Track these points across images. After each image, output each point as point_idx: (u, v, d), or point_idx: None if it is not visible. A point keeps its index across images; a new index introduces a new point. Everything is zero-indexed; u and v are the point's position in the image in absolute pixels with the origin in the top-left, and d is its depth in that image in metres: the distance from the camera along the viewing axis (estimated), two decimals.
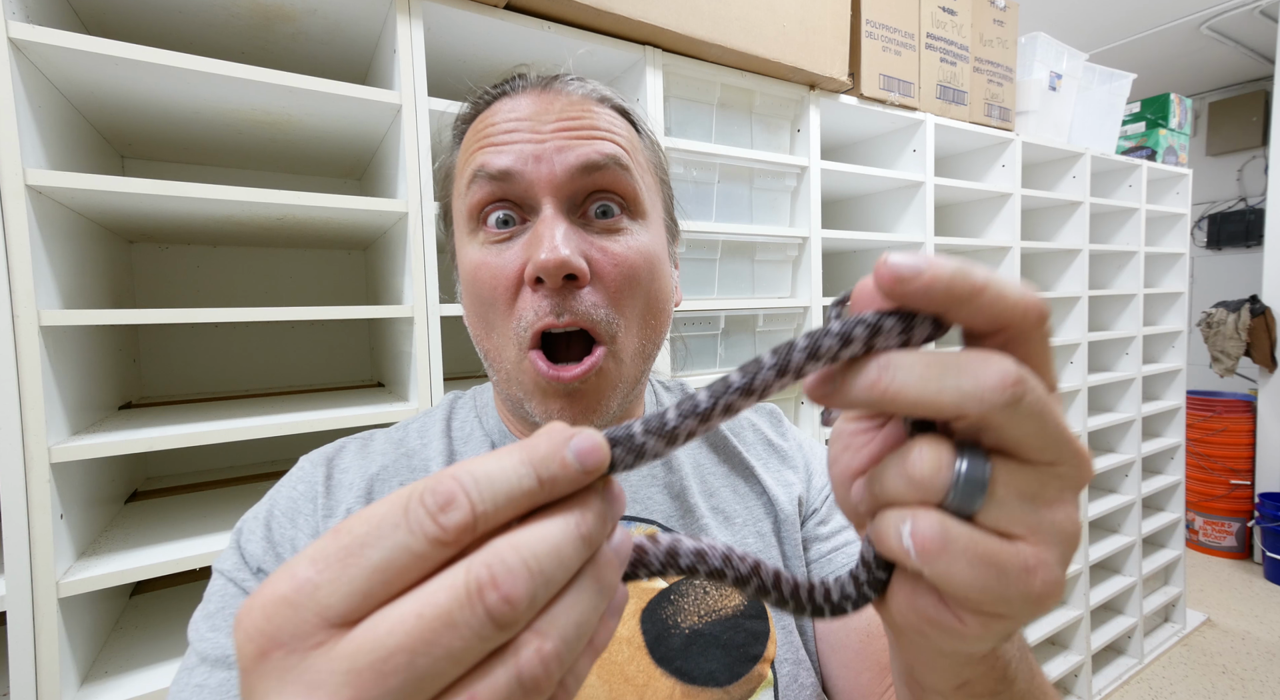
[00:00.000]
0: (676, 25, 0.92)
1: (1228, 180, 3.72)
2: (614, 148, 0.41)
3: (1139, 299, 1.96)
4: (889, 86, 1.24)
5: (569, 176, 0.40)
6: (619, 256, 0.41)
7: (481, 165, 0.40)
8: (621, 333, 0.41)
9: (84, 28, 0.79)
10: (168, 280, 0.99)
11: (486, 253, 0.41)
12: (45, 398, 0.61)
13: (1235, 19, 2.73)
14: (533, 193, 0.40)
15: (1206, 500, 2.91)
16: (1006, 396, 0.17)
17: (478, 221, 0.42)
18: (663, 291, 0.44)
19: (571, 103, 0.42)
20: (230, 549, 0.41)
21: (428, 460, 0.46)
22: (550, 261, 0.37)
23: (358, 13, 0.81)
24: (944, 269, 0.18)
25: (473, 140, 0.43)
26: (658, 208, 0.46)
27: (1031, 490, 0.19)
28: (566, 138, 0.40)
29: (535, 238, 0.39)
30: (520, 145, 0.40)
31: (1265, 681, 1.92)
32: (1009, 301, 0.18)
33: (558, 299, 0.39)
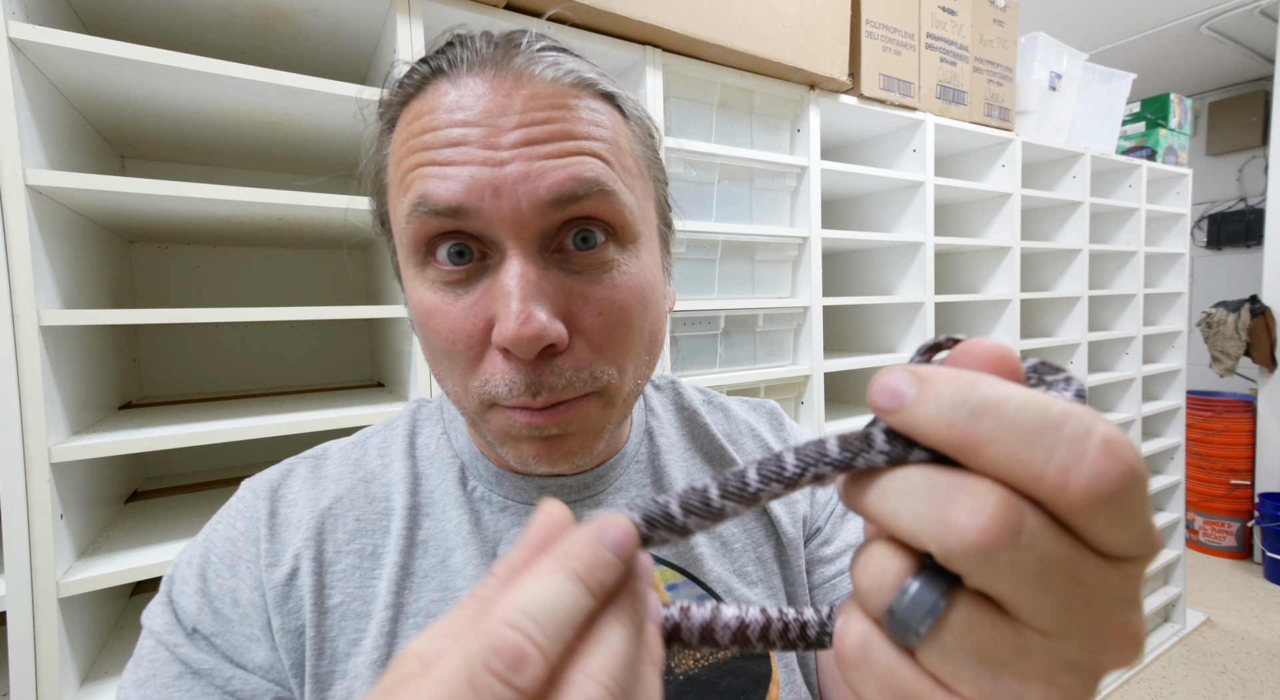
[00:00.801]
0: (676, 25, 0.92)
1: (1228, 180, 3.72)
2: (595, 166, 0.32)
3: (1139, 299, 1.96)
4: (889, 86, 1.24)
5: (538, 213, 0.31)
6: (605, 302, 0.33)
7: (423, 197, 0.31)
8: (614, 381, 0.35)
9: (84, 28, 0.79)
10: (168, 280, 0.99)
11: (440, 297, 0.33)
12: (45, 398, 0.61)
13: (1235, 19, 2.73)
14: (492, 232, 0.31)
15: (1206, 500, 2.91)
16: (973, 548, 0.14)
17: (424, 255, 0.33)
18: (657, 321, 0.38)
19: (538, 95, 0.32)
20: (161, 603, 0.35)
21: (389, 485, 0.40)
22: (524, 336, 0.30)
23: (358, 13, 0.81)
24: (927, 409, 0.15)
25: (406, 146, 0.33)
26: (650, 218, 0.38)
27: (1000, 652, 0.15)
28: (533, 157, 0.31)
29: (499, 292, 0.31)
30: (472, 168, 0.30)
31: (1265, 681, 1.92)
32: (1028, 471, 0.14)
33: (533, 375, 0.32)
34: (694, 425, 0.49)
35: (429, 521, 0.39)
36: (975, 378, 0.16)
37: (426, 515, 0.39)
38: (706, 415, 0.50)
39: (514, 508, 0.40)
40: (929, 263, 1.35)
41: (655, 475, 0.45)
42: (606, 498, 0.42)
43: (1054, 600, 0.15)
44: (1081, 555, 0.15)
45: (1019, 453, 0.14)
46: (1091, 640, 0.15)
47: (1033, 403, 0.15)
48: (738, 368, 1.12)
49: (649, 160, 0.39)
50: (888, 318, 1.43)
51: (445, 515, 0.39)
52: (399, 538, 0.37)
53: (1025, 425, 0.14)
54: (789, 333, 1.19)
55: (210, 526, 0.39)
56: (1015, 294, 1.54)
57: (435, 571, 0.37)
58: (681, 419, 0.49)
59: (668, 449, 0.46)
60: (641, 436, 0.46)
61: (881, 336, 1.45)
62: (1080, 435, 0.14)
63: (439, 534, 0.38)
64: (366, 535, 0.37)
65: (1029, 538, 0.14)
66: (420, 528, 0.38)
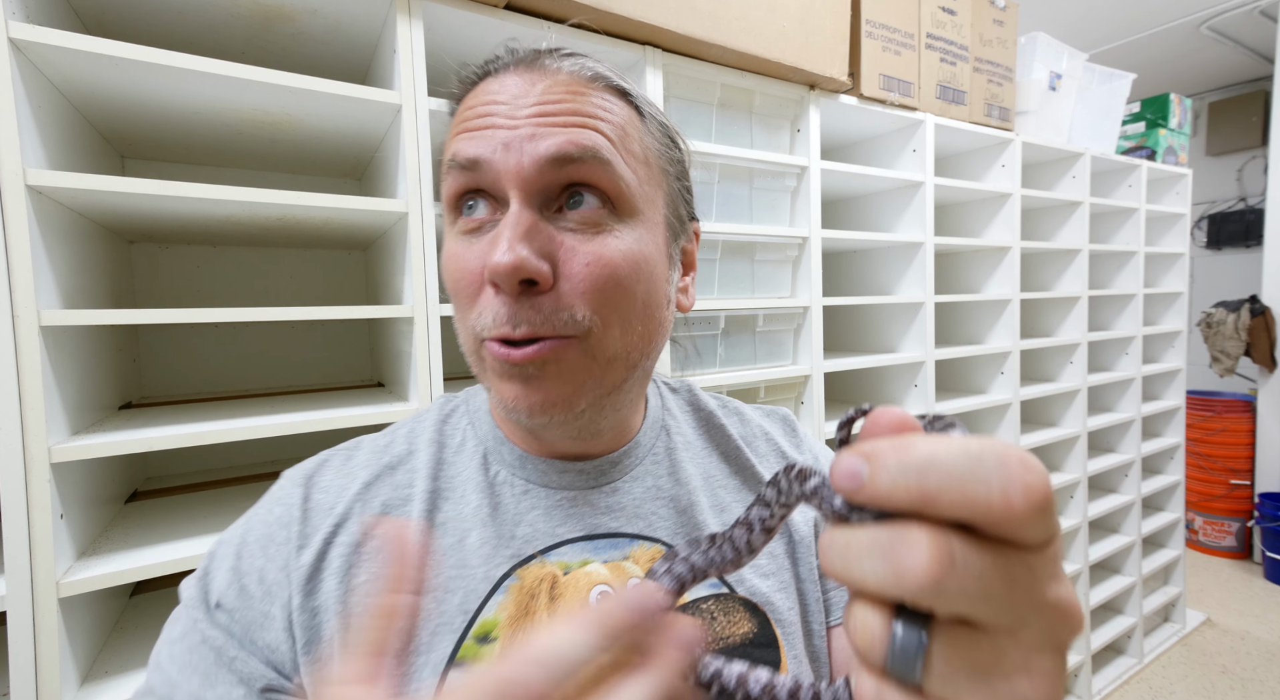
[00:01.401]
0: (676, 25, 0.92)
1: (1227, 180, 3.72)
2: (595, 138, 0.36)
3: (1139, 299, 1.96)
4: (889, 86, 1.24)
5: (537, 169, 0.35)
6: (591, 254, 0.36)
7: (454, 154, 0.37)
8: (596, 329, 0.37)
9: (84, 28, 0.79)
10: (168, 280, 0.99)
11: (459, 244, 0.38)
12: (45, 398, 0.61)
13: (1235, 19, 2.73)
14: (500, 183, 0.36)
15: (1206, 500, 2.91)
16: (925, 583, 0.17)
17: (455, 211, 0.39)
18: (654, 295, 0.40)
19: (556, 83, 0.38)
20: (196, 577, 0.39)
21: (413, 472, 0.43)
22: (502, 266, 0.34)
23: (358, 13, 0.81)
24: (884, 480, 0.18)
25: (453, 125, 0.40)
26: (656, 204, 0.41)
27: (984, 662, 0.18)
28: (540, 124, 0.36)
29: (494, 236, 0.36)
30: (492, 131, 0.36)
31: (1265, 681, 1.92)
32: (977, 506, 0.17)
33: (515, 307, 0.35)
34: (711, 426, 0.51)
35: (448, 505, 0.42)
36: (907, 442, 0.18)
37: (446, 499, 0.42)
38: (722, 417, 0.52)
39: (534, 491, 0.43)
40: (929, 263, 1.35)
41: (672, 467, 0.47)
42: (624, 485, 0.45)
43: (1000, 600, 0.17)
44: (1005, 557, 0.18)
45: (965, 491, 0.17)
46: (1041, 620, 0.18)
47: (954, 447, 0.17)
48: (738, 368, 1.12)
49: (662, 155, 0.42)
50: (888, 318, 1.43)
51: (464, 499, 0.42)
52: (420, 520, 0.40)
53: (962, 468, 0.17)
54: (789, 333, 1.19)
55: (251, 512, 0.42)
56: (1015, 294, 1.54)
57: (453, 551, 0.40)
58: (698, 420, 0.52)
59: (684, 446, 0.49)
60: (659, 431, 0.49)
61: (881, 336, 1.45)
62: (1001, 461, 0.17)
63: (457, 516, 0.41)
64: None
65: (961, 560, 0.17)
66: (440, 510, 0.41)
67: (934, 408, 1.36)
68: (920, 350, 1.35)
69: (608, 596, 0.20)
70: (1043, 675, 0.18)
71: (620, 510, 0.43)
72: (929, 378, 1.35)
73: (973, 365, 1.62)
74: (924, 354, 1.35)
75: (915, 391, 1.37)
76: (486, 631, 0.37)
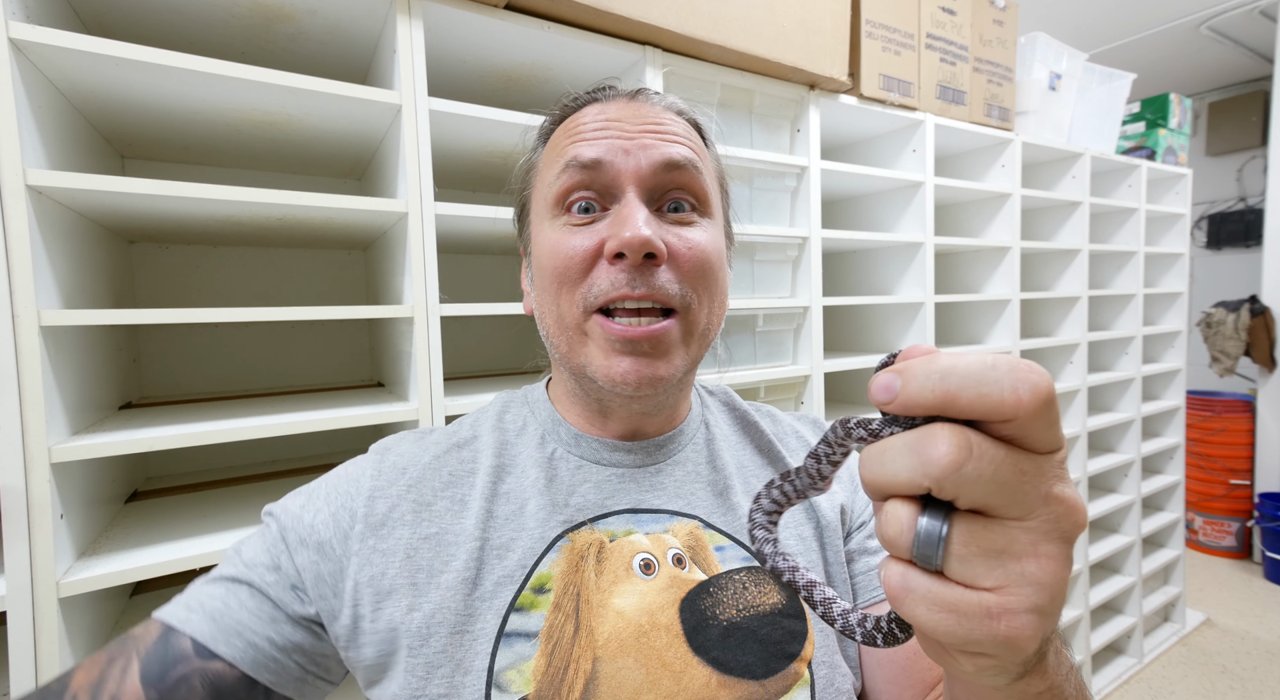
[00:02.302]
0: (676, 25, 0.92)
1: (1227, 180, 3.72)
2: (689, 153, 0.45)
3: (1139, 299, 1.96)
4: (889, 86, 1.24)
5: (652, 170, 0.44)
6: (693, 242, 0.44)
7: (574, 156, 0.44)
8: (695, 305, 0.44)
9: (84, 28, 0.79)
10: (168, 280, 0.99)
11: (567, 232, 0.44)
12: (45, 398, 0.61)
13: (1235, 19, 2.73)
14: (618, 182, 0.44)
15: (1206, 500, 2.91)
16: (947, 469, 0.20)
17: (561, 207, 0.45)
18: (724, 286, 0.48)
19: (654, 109, 0.47)
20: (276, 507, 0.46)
21: (478, 451, 0.48)
22: (635, 238, 0.40)
23: (358, 13, 0.81)
24: (911, 388, 0.21)
25: (564, 137, 0.47)
26: (720, 214, 0.50)
27: (998, 545, 0.21)
28: (652, 138, 0.44)
29: (618, 218, 0.42)
30: (610, 140, 0.44)
31: (1265, 681, 1.92)
32: (992, 403, 0.20)
33: (634, 274, 0.42)
34: (745, 423, 0.57)
35: (511, 478, 0.47)
36: (932, 356, 0.22)
37: (509, 473, 0.48)
38: (756, 417, 0.57)
39: (586, 466, 0.48)
40: (929, 263, 1.35)
41: (711, 456, 0.52)
42: (668, 467, 0.50)
43: (1011, 490, 0.20)
44: (1016, 453, 0.21)
45: (981, 390, 0.20)
46: (1048, 511, 0.21)
47: (971, 358, 0.21)
48: (738, 368, 1.12)
49: (719, 176, 0.52)
50: (888, 318, 1.43)
51: (525, 473, 0.47)
52: (484, 489, 0.46)
53: (977, 373, 0.20)
54: (789, 333, 1.19)
55: (330, 472, 0.48)
56: (1015, 294, 1.54)
57: (514, 517, 0.45)
58: (734, 418, 0.57)
59: (721, 438, 0.54)
60: (700, 423, 0.54)
61: (881, 336, 1.45)
62: (1012, 367, 0.20)
63: (518, 488, 0.47)
64: (458, 486, 0.46)
65: (978, 449, 0.20)
66: (503, 482, 0.47)
67: None
68: None
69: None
70: (1049, 558, 0.21)
71: (663, 489, 0.49)
72: None
73: None
74: None
75: None
76: (542, 583, 0.42)
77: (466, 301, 0.84)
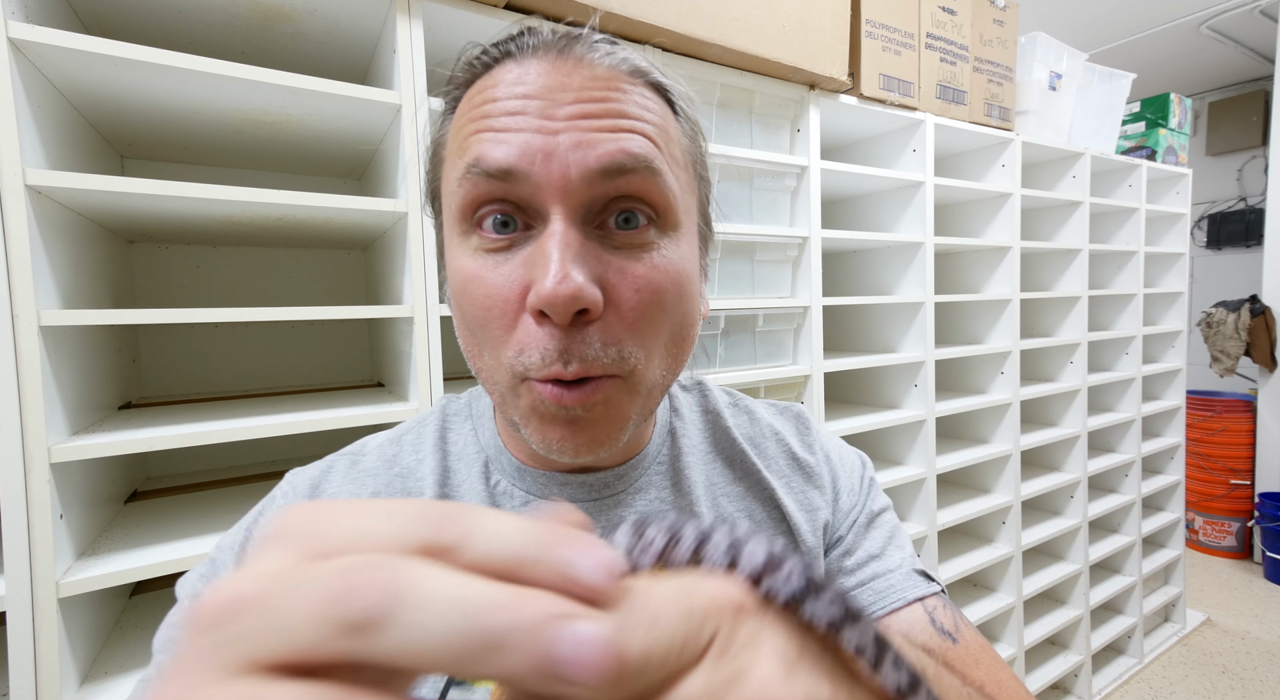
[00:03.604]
0: (677, 25, 0.92)
1: (1228, 180, 3.72)
2: (645, 145, 0.33)
3: (1139, 299, 1.96)
4: (889, 86, 1.24)
5: (586, 181, 0.32)
6: (642, 279, 0.34)
7: (477, 159, 0.32)
8: (640, 365, 0.34)
9: (84, 28, 0.79)
10: (168, 280, 0.99)
11: (480, 263, 0.34)
12: (45, 398, 0.61)
13: (1235, 19, 2.73)
14: (539, 198, 0.32)
15: (1206, 500, 2.91)
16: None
17: (470, 223, 0.34)
18: (690, 314, 0.38)
19: (595, 77, 0.33)
20: (200, 575, 0.39)
21: (421, 480, 0.42)
22: (559, 295, 0.30)
23: (357, 13, 0.81)
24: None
25: (467, 116, 0.34)
26: (692, 212, 0.39)
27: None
28: (586, 129, 0.32)
29: (540, 256, 0.32)
30: (526, 135, 0.32)
31: (1265, 681, 1.92)
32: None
33: (565, 341, 0.32)
34: (717, 428, 0.49)
35: None
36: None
37: None
38: (730, 418, 0.50)
39: (534, 503, 0.42)
40: (929, 263, 1.35)
41: (675, 477, 0.45)
42: (627, 497, 0.43)
43: None
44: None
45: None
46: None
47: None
48: (737, 368, 1.12)
49: (695, 157, 0.40)
50: (888, 318, 1.43)
51: None
52: None
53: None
54: (789, 333, 1.19)
55: (252, 516, 0.41)
56: (1015, 294, 1.54)
57: None
58: (706, 421, 0.50)
59: (690, 451, 0.47)
60: (664, 437, 0.47)
61: (881, 336, 1.45)
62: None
63: None
64: None
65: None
66: None
67: (934, 408, 1.37)
68: (920, 350, 1.35)
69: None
70: None
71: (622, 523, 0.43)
72: (929, 378, 1.35)
73: (973, 365, 1.62)
74: (924, 354, 1.35)
75: (915, 391, 1.37)
76: None
77: None
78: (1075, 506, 1.77)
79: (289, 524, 0.15)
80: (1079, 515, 1.76)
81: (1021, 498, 1.56)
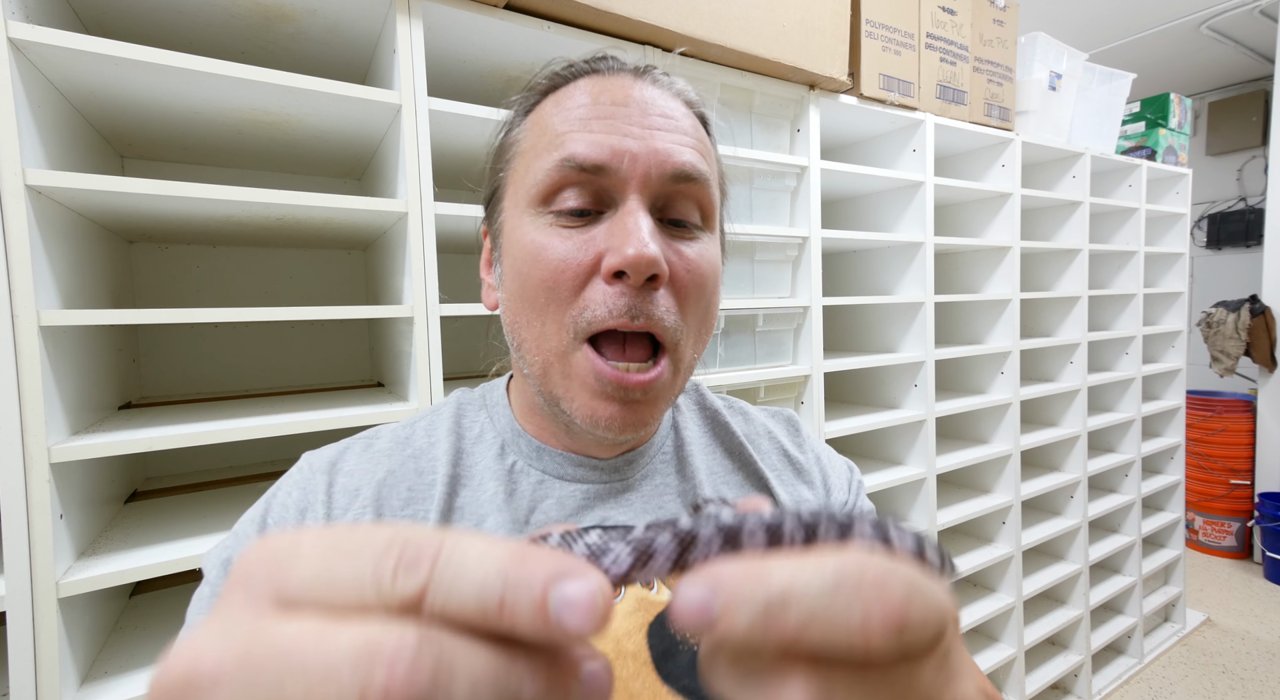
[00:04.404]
0: (676, 25, 0.92)
1: (1228, 180, 3.72)
2: (702, 160, 0.40)
3: (1139, 299, 1.96)
4: (889, 86, 1.24)
5: (662, 180, 0.38)
6: (694, 263, 0.40)
7: (570, 155, 0.38)
8: (684, 341, 0.40)
9: (84, 28, 0.79)
10: (168, 280, 0.99)
11: (553, 234, 0.38)
12: (45, 398, 0.61)
13: (1235, 19, 2.73)
14: (622, 188, 0.38)
15: (1206, 500, 2.91)
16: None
17: (547, 204, 0.39)
18: (715, 305, 0.43)
19: (664, 97, 0.41)
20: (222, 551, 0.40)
21: (435, 461, 0.44)
22: (641, 257, 0.35)
23: (357, 13, 0.81)
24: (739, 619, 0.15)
25: (555, 115, 0.40)
26: (719, 219, 0.46)
27: None
28: (664, 139, 0.39)
29: (620, 229, 0.37)
30: (616, 138, 0.38)
31: (1265, 681, 1.92)
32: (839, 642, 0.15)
33: (636, 299, 0.37)
34: (716, 423, 0.53)
35: (466, 491, 0.43)
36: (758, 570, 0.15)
37: (465, 486, 0.44)
38: (728, 416, 0.53)
39: (549, 481, 0.44)
40: (929, 263, 1.35)
41: (680, 464, 0.48)
42: (636, 483, 0.46)
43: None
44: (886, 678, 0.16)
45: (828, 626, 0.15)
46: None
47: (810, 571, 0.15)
48: (737, 368, 1.12)
49: (721, 176, 0.47)
50: (888, 318, 1.43)
51: (482, 486, 0.44)
52: (440, 503, 0.42)
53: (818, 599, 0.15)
54: (789, 333, 1.19)
55: (270, 494, 0.43)
56: (1015, 294, 1.54)
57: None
58: (704, 417, 0.53)
59: (692, 441, 0.50)
60: (669, 429, 0.50)
61: (881, 336, 1.45)
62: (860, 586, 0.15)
63: (474, 502, 0.43)
64: (418, 502, 0.42)
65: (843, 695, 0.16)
66: (458, 496, 0.43)
67: (934, 408, 1.37)
68: (920, 350, 1.35)
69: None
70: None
71: (630, 505, 0.45)
72: (929, 378, 1.35)
73: (973, 365, 1.62)
74: (924, 354, 1.35)
75: (915, 391, 1.37)
76: None
77: (466, 301, 0.84)
78: (1075, 506, 1.77)
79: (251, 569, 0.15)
80: (1079, 515, 1.76)
81: (1021, 498, 1.56)
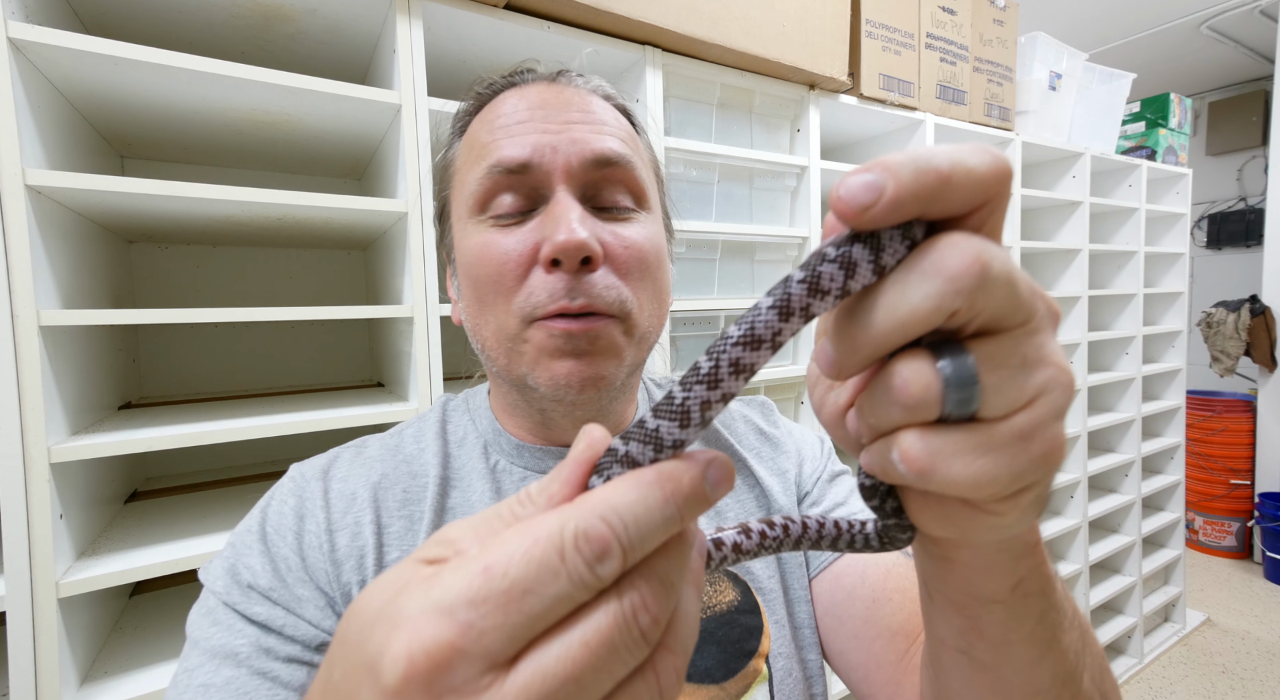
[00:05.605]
0: (676, 25, 0.92)
1: (1228, 180, 3.72)
2: (622, 145, 0.42)
3: (1139, 299, 1.96)
4: (889, 86, 1.24)
5: (584, 168, 0.40)
6: (629, 240, 0.41)
7: (498, 161, 0.40)
8: (634, 310, 0.41)
9: (84, 28, 0.79)
10: (168, 280, 0.99)
11: (492, 234, 0.41)
12: (45, 398, 0.61)
13: (1235, 19, 2.73)
14: (548, 181, 0.40)
15: (1206, 500, 2.91)
16: (976, 276, 0.17)
17: (484, 209, 0.41)
18: (665, 282, 0.45)
19: (580, 95, 0.44)
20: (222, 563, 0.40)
21: (425, 464, 0.46)
22: (570, 242, 0.37)
23: (357, 13, 0.81)
24: (904, 175, 0.17)
25: (483, 130, 0.43)
26: (657, 206, 0.47)
27: (1014, 360, 0.18)
28: (582, 130, 0.41)
29: (550, 219, 0.39)
30: (535, 136, 0.40)
31: (1265, 681, 1.92)
32: (978, 176, 0.18)
33: (572, 282, 0.39)
34: None
35: (456, 492, 0.45)
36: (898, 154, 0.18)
37: (455, 486, 0.45)
38: None
39: (532, 477, 0.46)
40: None
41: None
42: None
43: (1022, 290, 0.18)
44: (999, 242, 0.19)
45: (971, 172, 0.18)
46: (1040, 302, 0.19)
47: (936, 148, 0.18)
48: None
49: (653, 164, 0.49)
50: None
51: (470, 486, 0.45)
52: (432, 504, 0.43)
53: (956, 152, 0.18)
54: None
55: (263, 504, 0.43)
56: None
57: None
58: None
59: None
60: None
61: None
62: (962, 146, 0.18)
63: (464, 502, 0.45)
64: (413, 504, 0.44)
65: (989, 250, 0.17)
66: (449, 496, 0.45)
67: None
68: None
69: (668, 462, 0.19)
70: (1051, 363, 0.19)
71: None
72: None
73: None
74: None
75: None
76: None
77: None
78: (1075, 506, 1.77)
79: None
80: (1079, 515, 1.76)
81: None
